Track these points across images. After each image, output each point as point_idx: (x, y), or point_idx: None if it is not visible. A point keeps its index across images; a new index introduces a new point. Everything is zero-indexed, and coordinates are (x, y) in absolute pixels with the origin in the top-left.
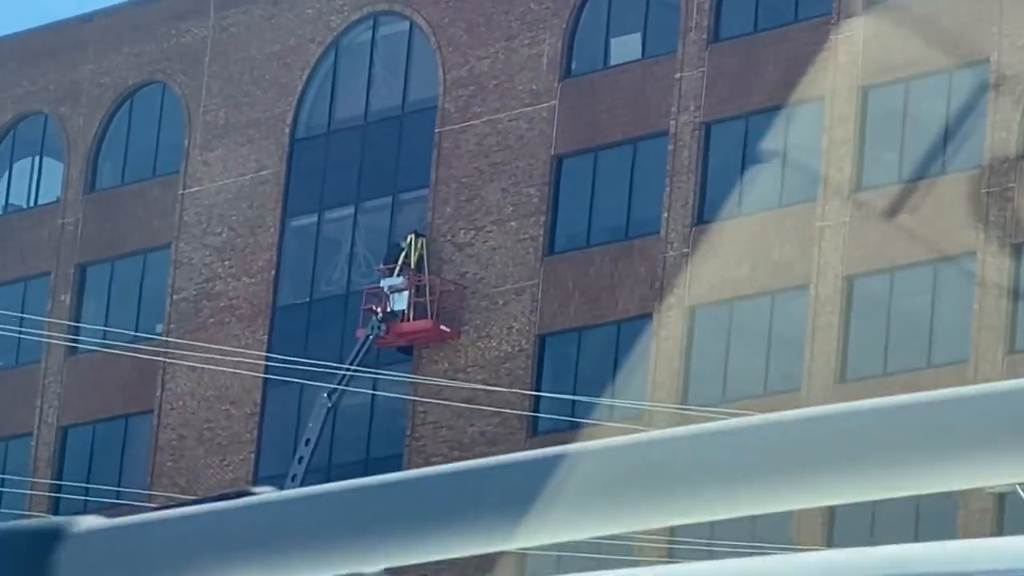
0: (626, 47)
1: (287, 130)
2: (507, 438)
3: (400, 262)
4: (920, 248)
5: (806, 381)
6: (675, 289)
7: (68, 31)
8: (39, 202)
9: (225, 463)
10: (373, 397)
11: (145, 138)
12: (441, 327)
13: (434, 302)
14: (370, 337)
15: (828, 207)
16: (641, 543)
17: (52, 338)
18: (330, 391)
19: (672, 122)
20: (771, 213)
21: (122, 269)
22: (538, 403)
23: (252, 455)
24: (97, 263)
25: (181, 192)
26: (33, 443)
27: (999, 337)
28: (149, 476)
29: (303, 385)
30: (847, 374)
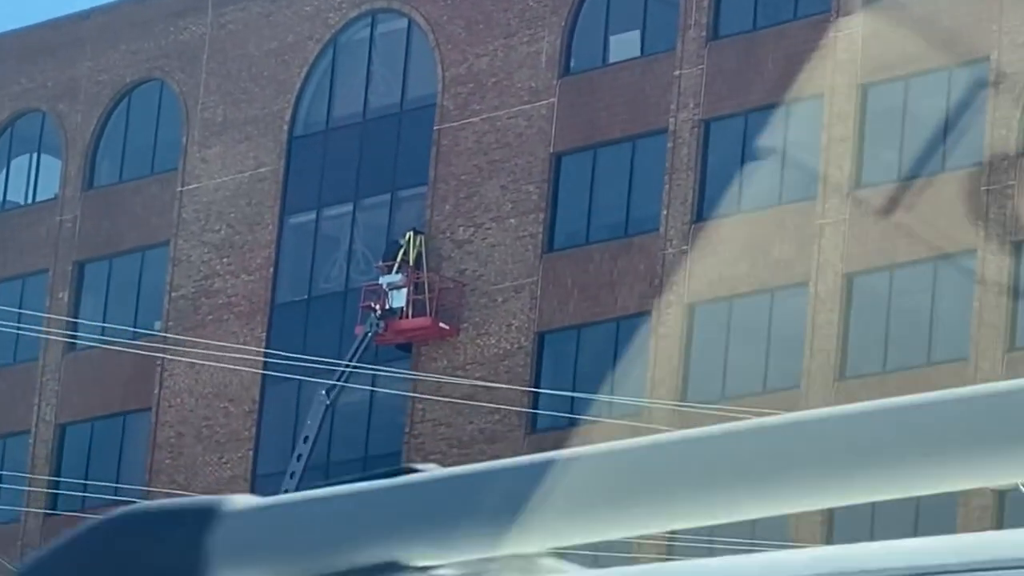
0: (625, 44)
1: (285, 127)
2: (506, 435)
3: (399, 259)
4: (920, 246)
5: (805, 379)
6: (674, 286)
7: (66, 28)
8: (37, 199)
9: (223, 460)
10: (372, 395)
11: (143, 135)
12: (440, 324)
13: (433, 299)
14: (369, 334)
15: (828, 204)
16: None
17: (50, 334)
18: (328, 388)
19: (671, 119)
20: (770, 210)
21: (120, 266)
22: (537, 400)
23: (250, 452)
24: (95, 260)
25: (179, 189)
26: (31, 441)
27: (999, 335)
28: (147, 474)
29: (301, 383)
30: (847, 372)
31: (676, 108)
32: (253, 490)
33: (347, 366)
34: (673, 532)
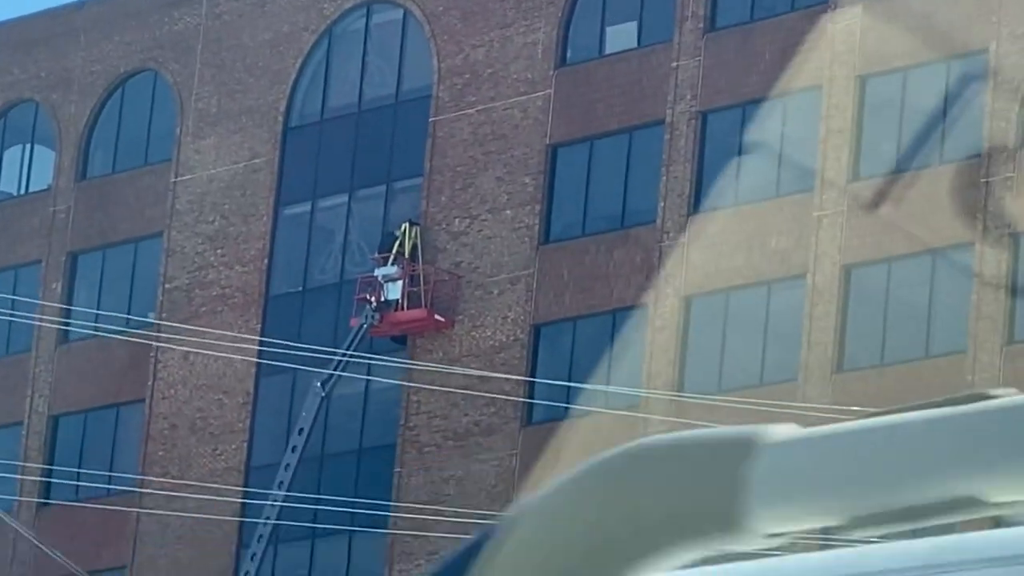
0: (622, 36)
1: (280, 118)
2: (501, 428)
3: (394, 251)
4: (918, 238)
5: (803, 371)
6: (671, 278)
7: (60, 18)
8: (30, 190)
9: (217, 452)
10: (367, 387)
11: (137, 126)
12: (435, 316)
13: (428, 291)
14: (364, 326)
15: (825, 196)
16: None
17: (43, 321)
18: (324, 380)
19: (668, 111)
20: (768, 202)
21: (114, 257)
22: (533, 392)
23: (245, 444)
24: (88, 251)
25: (173, 180)
26: (24, 432)
27: (997, 328)
28: (141, 465)
29: (296, 374)
30: (844, 364)
31: (673, 100)
32: (246, 484)
33: (343, 355)
34: None
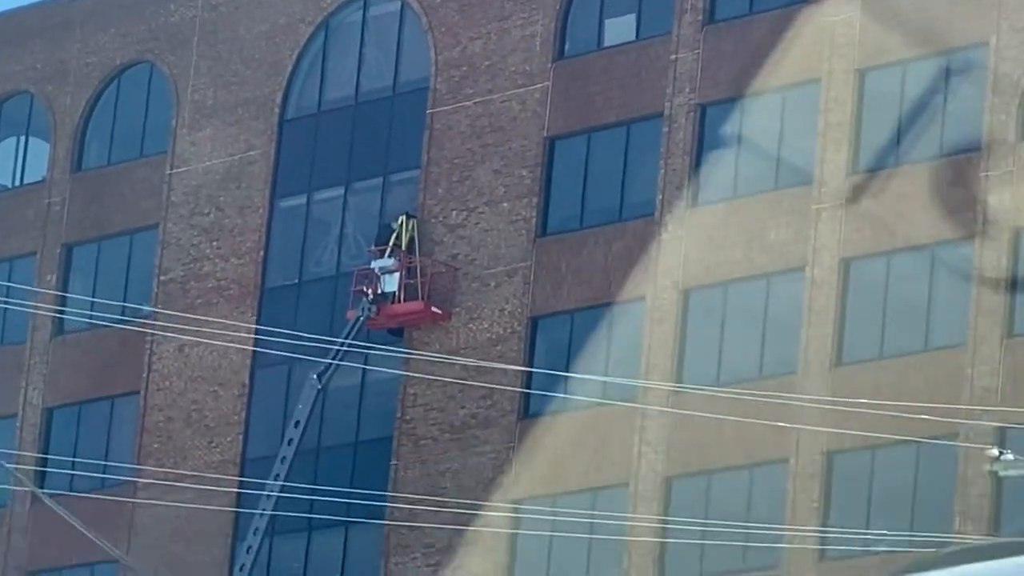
0: (620, 28)
1: (276, 110)
2: (498, 420)
3: (391, 243)
4: (917, 231)
5: (801, 364)
6: (669, 271)
7: (55, 10)
8: (25, 181)
9: (212, 445)
10: (363, 380)
11: (133, 118)
12: (432, 309)
13: (425, 284)
14: (360, 319)
15: (824, 189)
16: (633, 523)
17: (38, 311)
18: (320, 372)
19: (667, 104)
20: (766, 195)
21: (109, 249)
22: (530, 384)
23: (240, 437)
24: (83, 243)
25: (169, 172)
26: (18, 424)
27: (997, 321)
28: (135, 458)
29: (292, 367)
30: (843, 357)
31: (672, 92)
32: (243, 474)
33: (340, 345)
34: (665, 517)
